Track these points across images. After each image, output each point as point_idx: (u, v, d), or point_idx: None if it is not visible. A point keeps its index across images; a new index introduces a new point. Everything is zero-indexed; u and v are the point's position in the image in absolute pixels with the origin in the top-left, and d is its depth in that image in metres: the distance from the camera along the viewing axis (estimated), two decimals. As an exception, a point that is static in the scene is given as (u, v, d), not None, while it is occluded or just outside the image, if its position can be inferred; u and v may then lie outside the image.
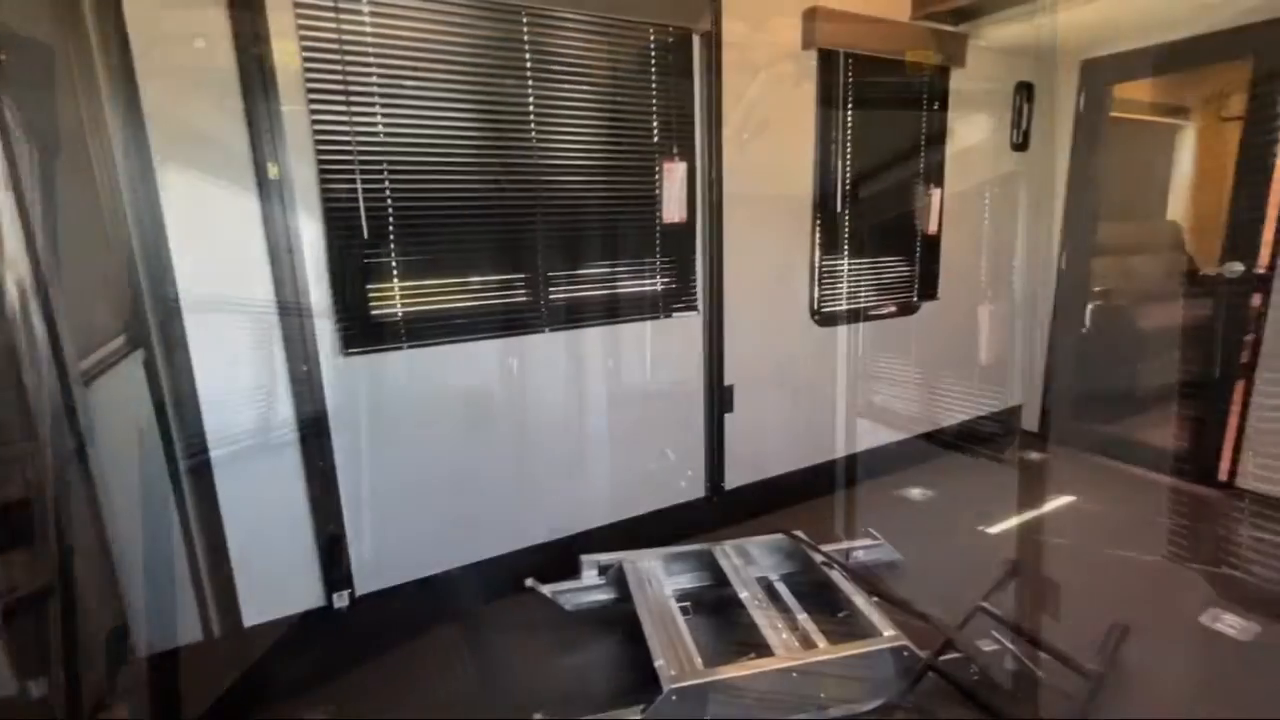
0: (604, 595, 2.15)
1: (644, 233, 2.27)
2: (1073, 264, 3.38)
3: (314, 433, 1.82)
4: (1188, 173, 4.97)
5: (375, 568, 1.99)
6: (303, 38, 1.65)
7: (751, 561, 2.22)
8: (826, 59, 2.52)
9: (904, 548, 2.40)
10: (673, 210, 2.29)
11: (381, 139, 1.79)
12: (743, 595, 1.95)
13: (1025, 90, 3.18)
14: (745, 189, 2.44)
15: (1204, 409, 2.94)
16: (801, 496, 2.89)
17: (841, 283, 2.80)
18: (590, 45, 2.06)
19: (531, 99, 1.99)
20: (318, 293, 1.78)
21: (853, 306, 2.85)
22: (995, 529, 2.62)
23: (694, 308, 2.42)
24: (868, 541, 2.35)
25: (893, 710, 1.62)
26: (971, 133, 3.03)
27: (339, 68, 1.71)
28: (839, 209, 2.69)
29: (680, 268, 2.37)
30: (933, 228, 2.98)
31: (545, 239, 2.08)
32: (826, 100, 2.56)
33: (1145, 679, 1.76)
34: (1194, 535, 2.53)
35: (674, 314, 2.39)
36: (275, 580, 1.84)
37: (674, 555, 2.21)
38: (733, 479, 2.66)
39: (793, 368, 2.74)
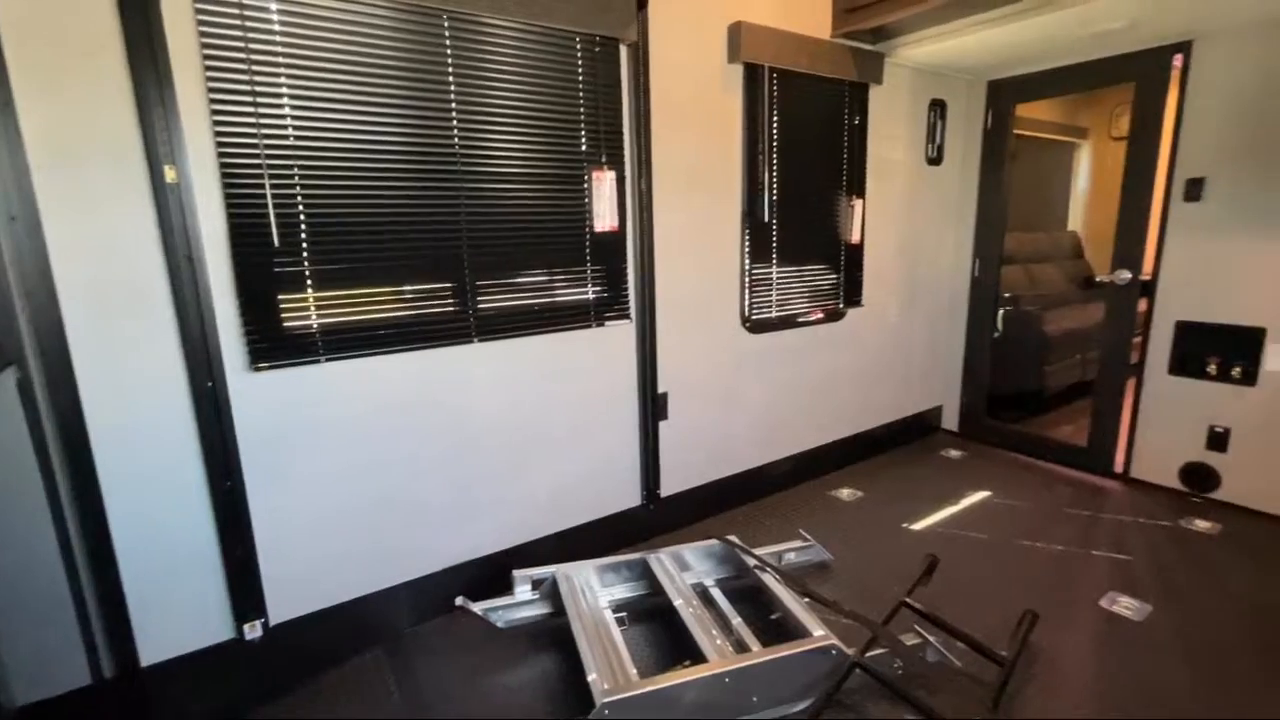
0: (538, 610, 2.11)
1: (574, 241, 2.26)
2: (984, 272, 3.59)
3: (220, 453, 1.70)
4: (1086, 187, 5.39)
5: (292, 593, 1.88)
6: (202, 34, 1.56)
7: (686, 568, 2.23)
8: (752, 73, 2.59)
9: (834, 547, 2.47)
10: (603, 219, 2.29)
11: (292, 142, 1.71)
12: (677, 603, 1.95)
13: (939, 107, 3.37)
14: (675, 198, 2.47)
15: (1101, 406, 3.17)
16: (736, 501, 2.93)
17: (771, 291, 2.86)
18: (515, 52, 2.03)
19: (454, 104, 1.94)
20: (223, 304, 1.67)
21: (782, 314, 2.93)
22: (918, 525, 2.74)
23: (626, 316, 2.42)
24: (799, 543, 2.41)
25: (822, 708, 1.66)
26: (890, 147, 3.18)
27: (244, 66, 1.62)
28: (767, 218, 2.76)
29: (612, 276, 2.37)
30: (856, 237, 3.10)
31: (472, 247, 2.04)
32: (752, 112, 2.63)
33: (1053, 662, 1.88)
34: (1092, 524, 2.71)
35: (606, 323, 2.38)
36: (178, 613, 1.71)
37: (608, 565, 2.19)
38: (669, 486, 2.67)
39: (725, 374, 2.78)
